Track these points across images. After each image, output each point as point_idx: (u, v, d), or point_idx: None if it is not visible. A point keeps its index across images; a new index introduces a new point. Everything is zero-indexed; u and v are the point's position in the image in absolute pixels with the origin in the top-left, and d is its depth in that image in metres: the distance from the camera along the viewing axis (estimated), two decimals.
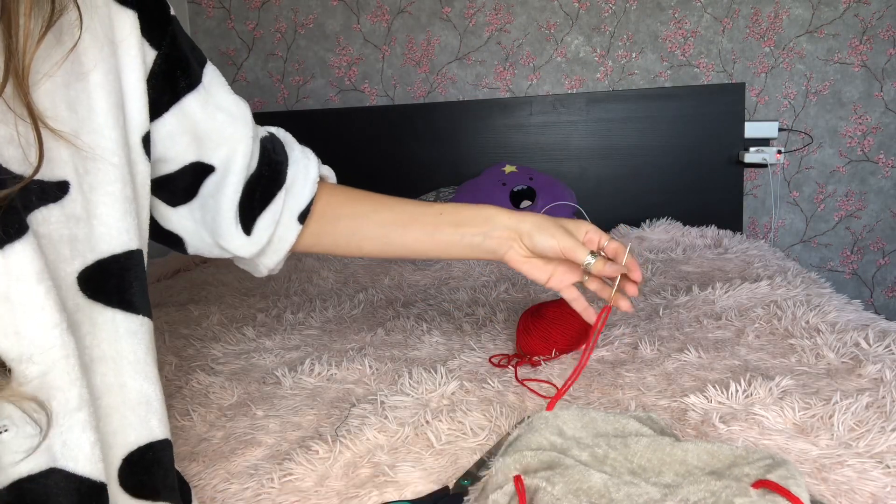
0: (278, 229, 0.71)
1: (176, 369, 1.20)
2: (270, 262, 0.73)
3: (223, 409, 1.03)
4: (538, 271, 0.78)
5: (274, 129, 0.74)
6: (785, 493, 0.52)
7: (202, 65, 0.65)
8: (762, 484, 0.54)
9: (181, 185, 0.66)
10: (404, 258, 0.76)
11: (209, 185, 0.67)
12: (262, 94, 2.62)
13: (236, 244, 0.68)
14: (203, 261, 2.24)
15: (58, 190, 0.49)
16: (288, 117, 2.52)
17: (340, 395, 1.05)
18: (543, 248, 0.71)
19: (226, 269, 2.02)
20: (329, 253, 0.77)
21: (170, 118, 0.62)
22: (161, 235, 0.70)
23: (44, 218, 0.48)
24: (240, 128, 0.67)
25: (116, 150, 0.54)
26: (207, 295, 1.74)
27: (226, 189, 0.66)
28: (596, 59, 2.42)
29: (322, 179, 0.77)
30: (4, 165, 0.45)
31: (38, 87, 0.48)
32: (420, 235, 0.73)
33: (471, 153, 2.42)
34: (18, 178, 0.45)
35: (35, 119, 0.45)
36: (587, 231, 0.75)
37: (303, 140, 0.79)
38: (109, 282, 0.53)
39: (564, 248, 0.71)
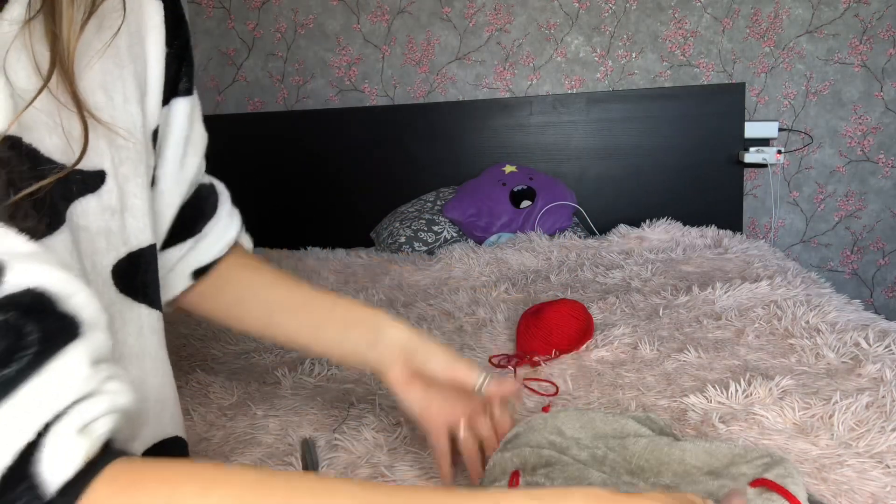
0: (169, 276, 0.65)
1: (175, 369, 1.20)
2: None
3: (223, 408, 1.03)
4: (415, 400, 0.67)
5: (216, 182, 0.71)
6: (782, 491, 0.52)
7: (193, 82, 0.64)
8: (759, 483, 0.54)
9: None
10: (280, 345, 0.69)
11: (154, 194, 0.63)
12: (262, 94, 2.62)
13: None
14: None
15: (96, 180, 0.48)
16: (288, 117, 2.52)
17: (340, 395, 1.04)
18: (433, 369, 0.65)
19: None
20: (202, 317, 0.71)
21: (163, 114, 0.61)
22: None
23: (83, 209, 0.47)
24: (198, 155, 0.64)
25: (144, 142, 0.53)
26: None
27: (164, 207, 0.62)
28: (596, 59, 2.42)
29: (236, 245, 0.72)
30: (47, 155, 0.43)
31: (82, 76, 0.47)
32: (304, 326, 0.68)
33: (471, 153, 2.41)
34: (60, 167, 0.44)
35: (81, 108, 0.44)
36: (487, 378, 0.66)
37: (303, 140, 0.77)
38: (136, 276, 0.53)
39: (457, 368, 0.64)
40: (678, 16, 2.35)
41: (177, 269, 0.66)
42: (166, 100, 0.61)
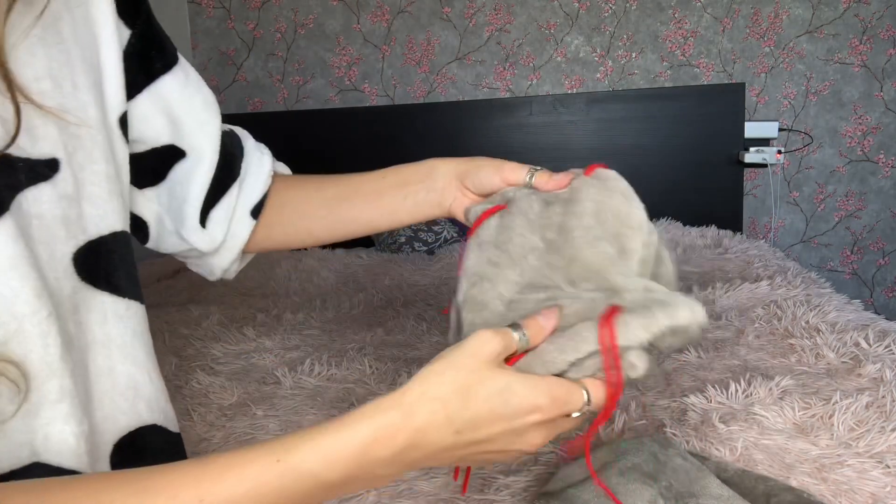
0: (232, 225, 0.68)
1: (176, 369, 1.20)
2: (224, 261, 0.70)
3: (223, 409, 1.03)
4: None
5: (234, 127, 0.73)
6: (607, 321, 0.45)
7: (174, 48, 0.64)
8: (608, 315, 0.46)
9: (150, 166, 0.64)
10: (355, 236, 0.71)
11: (179, 170, 0.65)
12: (262, 94, 2.62)
13: (196, 236, 0.67)
14: None
15: (47, 168, 0.47)
16: (288, 117, 2.52)
17: (340, 395, 1.04)
18: (483, 180, 0.65)
19: None
20: (281, 246, 0.73)
21: (144, 99, 0.61)
22: None
23: (35, 198, 0.46)
24: (213, 115, 0.66)
25: (100, 129, 0.53)
26: (207, 295, 1.74)
27: (197, 177, 0.65)
28: (596, 59, 2.42)
29: (275, 175, 0.74)
30: None
31: (16, 58, 0.46)
32: (366, 205, 0.69)
33: (471, 153, 2.39)
34: (3, 157, 0.43)
35: (12, 89, 0.43)
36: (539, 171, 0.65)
37: (303, 140, 0.78)
38: (98, 264, 0.52)
39: (504, 170, 0.64)
40: (678, 16, 2.35)
41: (236, 216, 0.68)
42: (147, 82, 0.60)
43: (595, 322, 0.46)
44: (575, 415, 0.46)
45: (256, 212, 0.69)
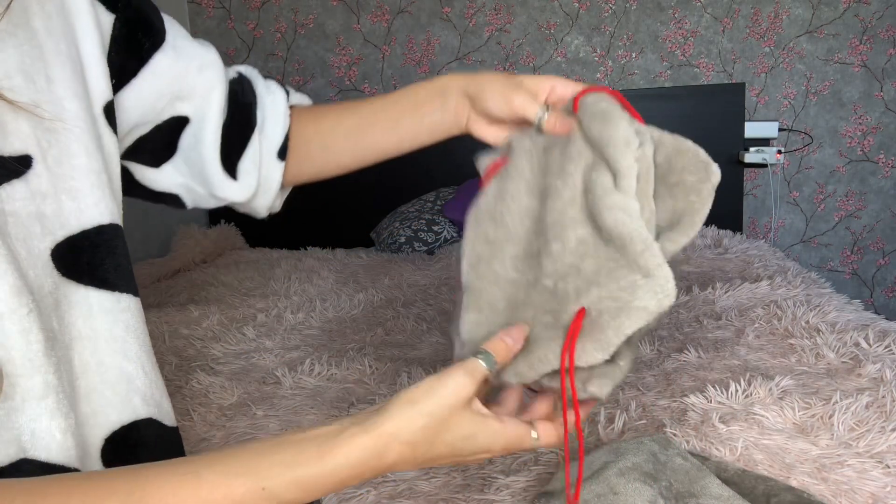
0: (262, 171, 0.69)
1: (176, 369, 1.20)
2: (265, 201, 0.72)
3: (223, 409, 1.03)
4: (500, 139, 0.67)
5: (242, 68, 0.72)
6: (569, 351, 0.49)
7: (160, 19, 0.63)
8: (571, 330, 0.49)
9: (159, 142, 0.64)
10: (383, 159, 0.73)
11: (187, 137, 0.65)
12: None
13: (229, 191, 0.68)
14: (203, 260, 2.24)
15: (19, 164, 0.47)
16: None
17: (340, 394, 1.04)
18: (496, 112, 0.63)
19: (225, 269, 2.02)
20: (316, 178, 0.75)
21: (140, 83, 0.60)
22: (157, 198, 0.68)
23: (8, 195, 0.46)
24: (211, 74, 0.65)
25: (80, 122, 0.52)
26: (207, 295, 1.74)
27: (205, 138, 0.65)
28: (596, 59, 2.42)
29: (293, 109, 0.74)
30: None
31: None
32: (385, 132, 0.70)
33: (471, 153, 2.41)
34: None
35: None
36: (553, 85, 0.62)
37: None
38: (81, 259, 0.51)
39: (516, 107, 0.61)
40: (678, 16, 2.35)
41: (264, 162, 0.69)
42: (140, 66, 0.59)
43: (559, 343, 0.50)
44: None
45: (283, 153, 0.70)
